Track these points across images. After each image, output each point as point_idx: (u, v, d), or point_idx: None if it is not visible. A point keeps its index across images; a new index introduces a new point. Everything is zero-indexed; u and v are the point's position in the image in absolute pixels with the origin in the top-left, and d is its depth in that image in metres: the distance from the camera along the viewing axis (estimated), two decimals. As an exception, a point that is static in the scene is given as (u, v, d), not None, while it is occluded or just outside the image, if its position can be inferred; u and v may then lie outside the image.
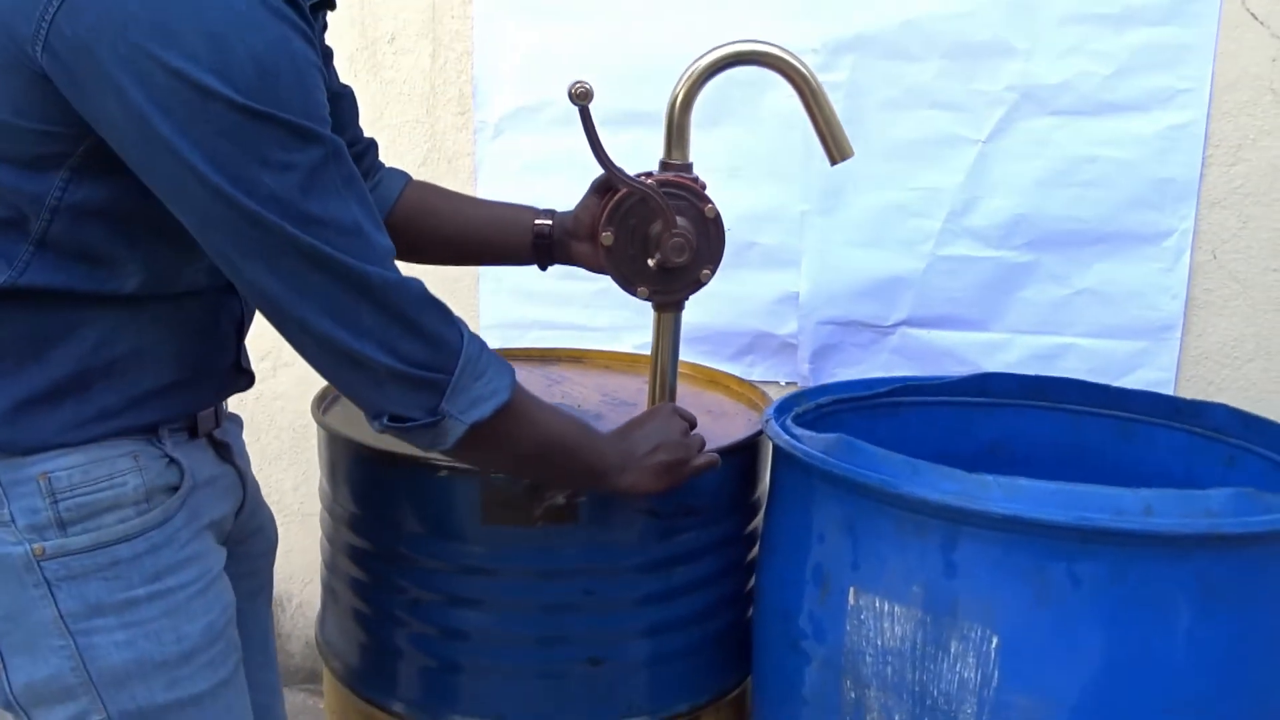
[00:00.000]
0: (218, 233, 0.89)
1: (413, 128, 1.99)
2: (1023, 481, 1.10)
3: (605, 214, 1.24)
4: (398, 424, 1.00)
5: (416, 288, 0.97)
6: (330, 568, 1.44)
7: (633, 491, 1.18)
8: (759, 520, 1.41)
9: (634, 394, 1.53)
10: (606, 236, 1.24)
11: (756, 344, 1.88)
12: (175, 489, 1.04)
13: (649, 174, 1.25)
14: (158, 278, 0.99)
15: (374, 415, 1.01)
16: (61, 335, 0.97)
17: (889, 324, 1.83)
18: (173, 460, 1.04)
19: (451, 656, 1.31)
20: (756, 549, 1.41)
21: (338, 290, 0.92)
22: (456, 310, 1.05)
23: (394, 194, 1.34)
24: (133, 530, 0.99)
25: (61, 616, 0.97)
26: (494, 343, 1.23)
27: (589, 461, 1.15)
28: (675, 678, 1.35)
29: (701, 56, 1.24)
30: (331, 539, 1.42)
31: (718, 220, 1.25)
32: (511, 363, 1.66)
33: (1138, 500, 1.06)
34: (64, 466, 0.97)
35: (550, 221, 1.33)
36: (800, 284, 1.85)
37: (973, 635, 1.10)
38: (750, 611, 1.40)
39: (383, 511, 1.32)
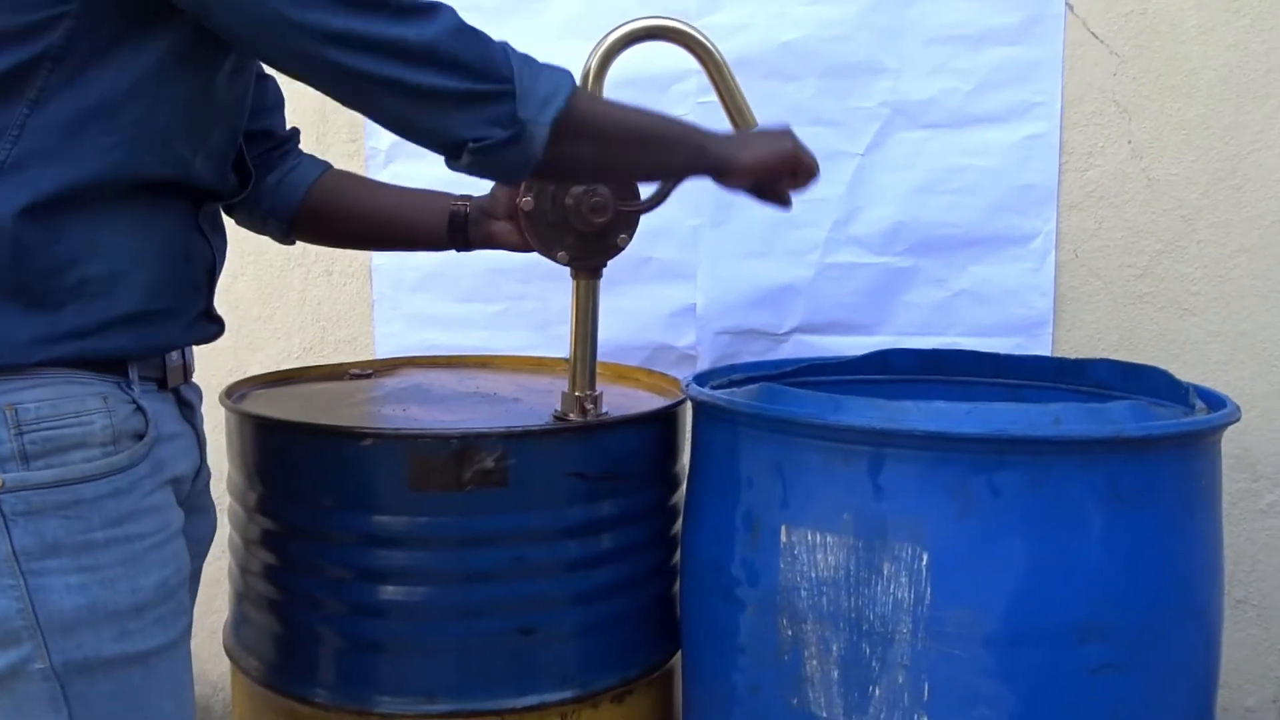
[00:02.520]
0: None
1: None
2: (940, 404, 1.16)
3: (525, 181, 1.27)
4: (481, 148, 1.00)
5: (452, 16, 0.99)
6: (241, 565, 1.39)
7: (743, 164, 1.17)
8: (681, 494, 1.43)
9: (548, 385, 1.55)
10: (526, 201, 1.28)
11: (656, 356, 1.92)
12: (141, 436, 1.01)
13: None
14: (145, 153, 0.98)
15: (454, 148, 1.01)
16: (41, 245, 0.94)
17: (783, 332, 1.90)
18: (140, 408, 1.01)
19: (375, 636, 1.28)
20: (680, 522, 1.42)
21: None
22: (351, 338, 1.06)
23: (310, 178, 1.36)
24: (97, 471, 0.96)
25: (15, 553, 0.92)
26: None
27: (685, 135, 1.16)
28: (605, 649, 1.34)
29: (611, 31, 1.30)
30: (243, 531, 1.38)
31: (635, 192, 1.30)
32: (417, 367, 1.68)
33: (1046, 413, 1.13)
34: (32, 399, 0.93)
35: (466, 204, 1.36)
36: (697, 296, 1.91)
37: (904, 555, 1.14)
38: (677, 586, 1.41)
39: (302, 489, 1.30)
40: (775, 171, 1.22)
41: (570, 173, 1.20)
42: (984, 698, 1.12)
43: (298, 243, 1.40)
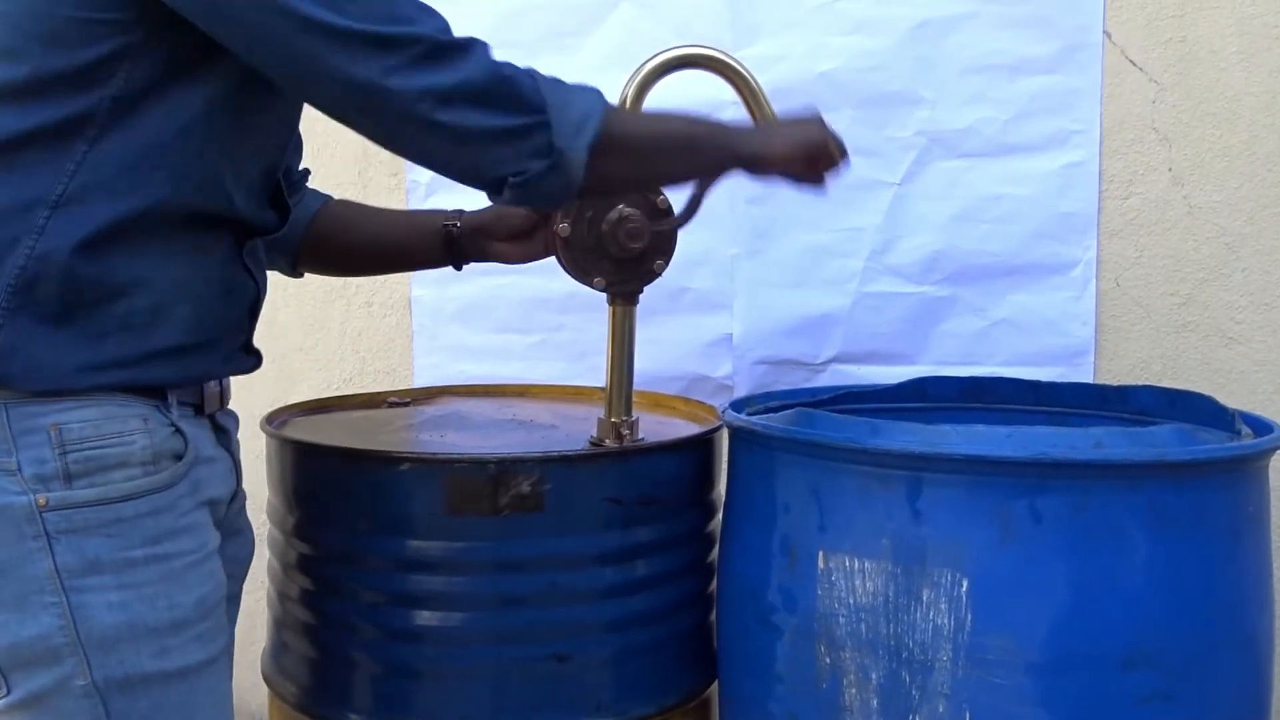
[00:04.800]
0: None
1: (344, 190, 2.01)
2: (979, 427, 1.16)
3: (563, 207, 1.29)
4: (521, 182, 1.01)
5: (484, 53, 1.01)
6: (280, 591, 1.40)
7: (773, 156, 1.16)
8: (718, 521, 1.42)
9: (585, 413, 1.55)
10: (563, 228, 1.29)
11: (693, 387, 1.92)
12: (180, 457, 1.03)
13: None
14: (193, 189, 1.01)
15: (495, 185, 1.02)
16: (89, 275, 0.97)
17: (820, 361, 1.89)
18: (178, 430, 1.04)
19: (410, 660, 1.28)
20: (717, 549, 1.41)
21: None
22: (391, 369, 1.07)
23: (310, 211, 1.39)
24: (138, 490, 0.98)
25: (57, 570, 0.95)
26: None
27: (713, 134, 1.16)
28: (642, 677, 1.33)
29: (649, 60, 1.32)
30: (282, 557, 1.38)
31: (669, 212, 1.31)
32: (454, 395, 1.69)
33: (1088, 437, 1.12)
34: (76, 419, 0.96)
35: (458, 221, 1.39)
36: (733, 326, 1.91)
37: (943, 581, 1.12)
38: (714, 615, 1.40)
39: (339, 513, 1.30)
40: (804, 161, 1.20)
41: (610, 189, 1.22)
42: (1027, 727, 1.10)
43: (332, 277, 1.43)
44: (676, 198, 1.32)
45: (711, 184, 1.24)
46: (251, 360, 1.17)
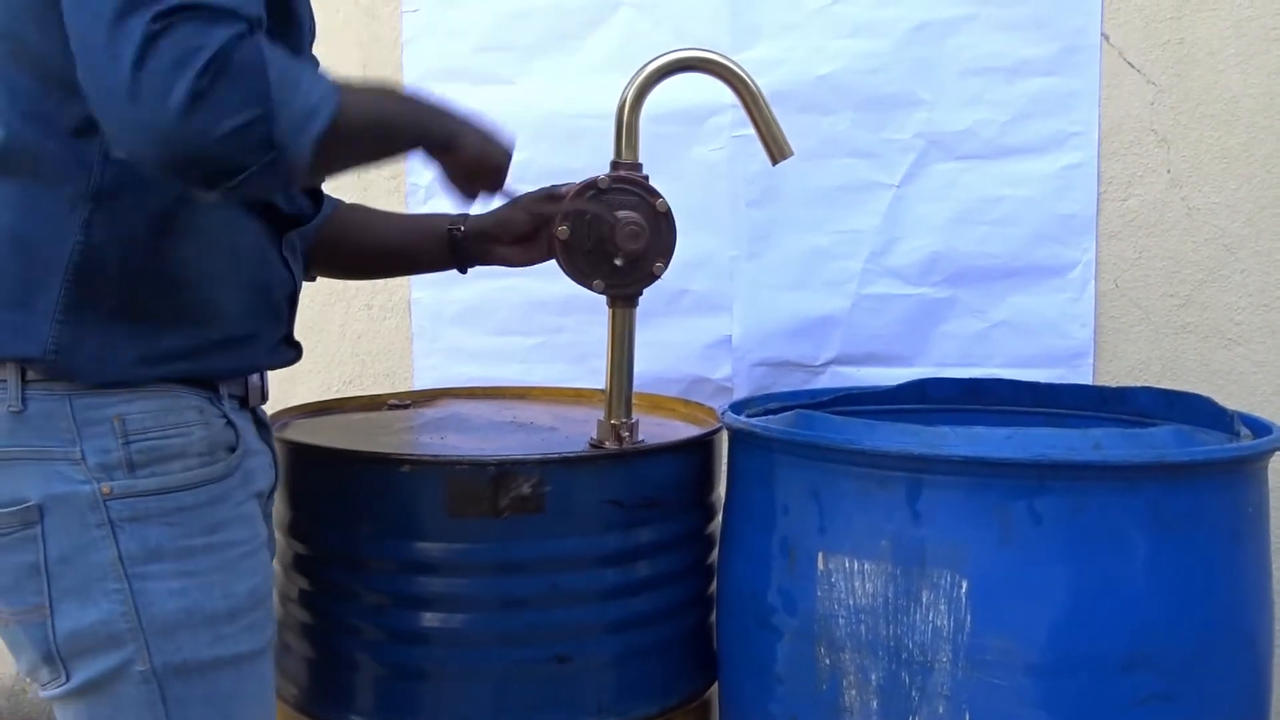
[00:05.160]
0: None
1: (343, 193, 2.01)
2: (979, 429, 1.16)
3: (561, 211, 1.29)
4: (234, 180, 0.87)
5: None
6: (281, 592, 1.40)
7: (459, 156, 1.10)
8: (718, 523, 1.42)
9: (586, 415, 1.55)
10: (562, 231, 1.29)
11: (693, 389, 1.92)
12: (233, 449, 1.06)
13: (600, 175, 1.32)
14: None
15: (205, 183, 0.88)
16: (140, 268, 0.99)
17: (819, 363, 1.89)
18: (230, 422, 1.06)
19: (411, 662, 1.28)
20: (717, 551, 1.41)
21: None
22: (391, 372, 1.07)
23: (324, 215, 1.38)
24: (196, 480, 1.01)
25: (120, 558, 0.97)
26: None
27: (417, 113, 1.08)
28: (643, 678, 1.33)
29: (649, 63, 1.32)
30: (283, 558, 1.38)
31: (668, 214, 1.31)
32: (455, 398, 1.69)
33: (1087, 438, 1.12)
34: (138, 410, 0.99)
35: (462, 225, 1.39)
36: (733, 328, 1.91)
37: (943, 582, 1.13)
38: (714, 616, 1.40)
39: (340, 516, 1.31)
40: (476, 173, 1.14)
41: (324, 178, 1.14)
42: (1027, 728, 1.10)
43: (340, 280, 1.43)
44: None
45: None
46: (293, 353, 1.19)
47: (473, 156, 1.11)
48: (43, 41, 0.93)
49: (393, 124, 1.07)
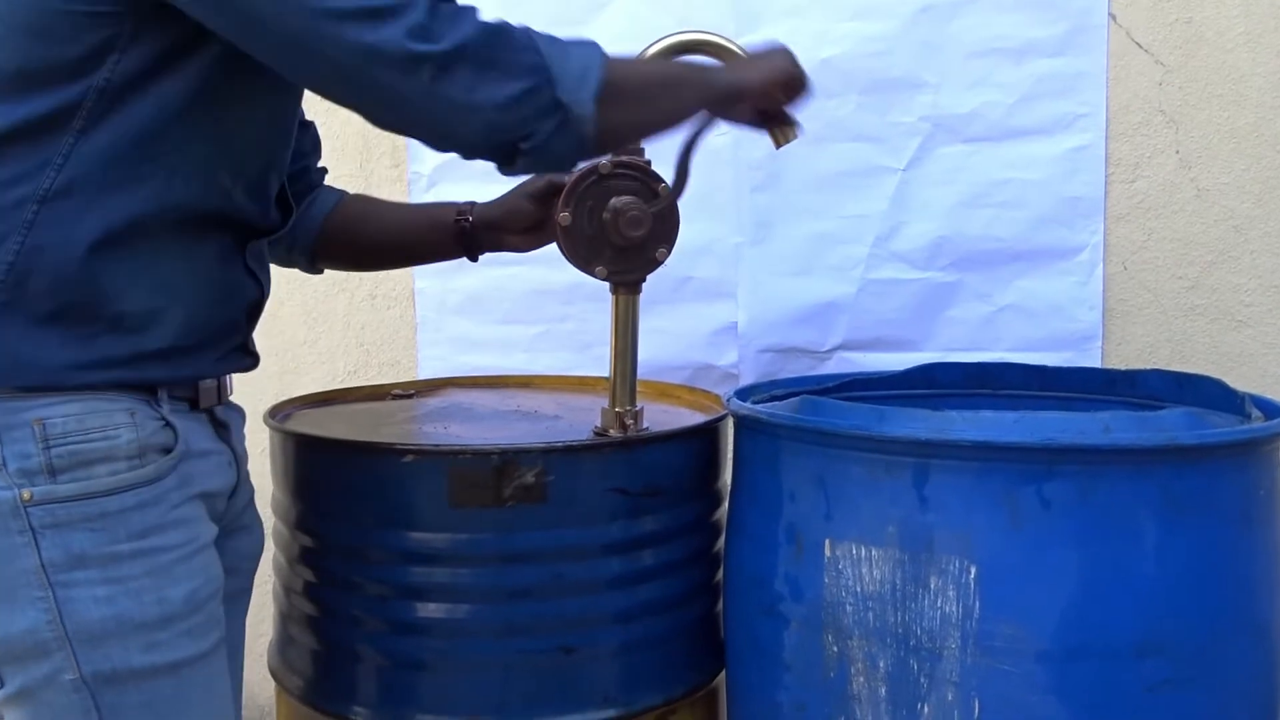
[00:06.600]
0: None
1: (346, 181, 2.00)
2: (986, 413, 1.14)
3: (563, 196, 1.28)
4: (533, 146, 0.98)
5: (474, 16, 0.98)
6: (285, 584, 1.39)
7: (752, 85, 1.16)
8: (723, 510, 1.41)
9: (590, 403, 1.54)
10: (564, 217, 1.28)
11: (698, 376, 1.91)
12: (169, 451, 1.02)
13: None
14: (186, 184, 1.00)
15: (506, 153, 1.00)
16: (79, 275, 0.97)
17: (825, 349, 1.88)
18: (168, 424, 1.03)
19: (415, 653, 1.27)
20: (723, 539, 1.40)
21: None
22: (394, 362, 1.06)
23: (326, 208, 1.40)
24: (122, 484, 0.98)
25: (43, 565, 0.95)
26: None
27: (689, 73, 1.17)
28: (648, 668, 1.32)
29: (652, 44, 1.30)
30: (286, 550, 1.38)
31: (672, 201, 1.30)
32: (458, 387, 1.68)
33: (1096, 422, 1.11)
34: (60, 414, 0.96)
35: (470, 215, 1.39)
36: (738, 314, 1.90)
37: (951, 568, 1.11)
38: (720, 604, 1.39)
39: (343, 506, 1.30)
40: (782, 87, 1.18)
41: (617, 141, 1.16)
42: (1037, 715, 1.09)
43: (337, 271, 1.43)
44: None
45: (696, 140, 1.24)
46: (248, 361, 1.17)
47: (764, 86, 1.15)
48: (19, 29, 0.92)
49: (676, 82, 1.12)
